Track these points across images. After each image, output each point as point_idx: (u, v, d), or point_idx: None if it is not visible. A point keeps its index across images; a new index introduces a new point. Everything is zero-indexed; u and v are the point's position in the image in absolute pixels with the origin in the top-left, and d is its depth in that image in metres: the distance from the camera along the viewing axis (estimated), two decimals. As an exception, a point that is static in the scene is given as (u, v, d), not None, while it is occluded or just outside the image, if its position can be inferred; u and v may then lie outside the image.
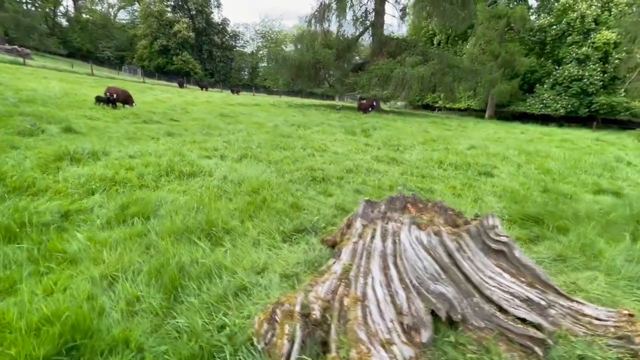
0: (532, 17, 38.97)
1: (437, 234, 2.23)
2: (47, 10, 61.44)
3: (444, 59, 21.96)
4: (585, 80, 31.93)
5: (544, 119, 34.47)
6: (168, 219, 3.03)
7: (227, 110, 15.88)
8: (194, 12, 63.85)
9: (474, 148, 9.50)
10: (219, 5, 69.18)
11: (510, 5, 37.72)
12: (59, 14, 66.07)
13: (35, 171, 4.11)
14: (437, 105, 51.45)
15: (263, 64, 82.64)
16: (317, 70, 24.51)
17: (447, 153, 8.31)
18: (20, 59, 27.71)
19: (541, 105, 34.51)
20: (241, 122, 12.08)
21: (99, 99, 12.57)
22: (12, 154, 4.96)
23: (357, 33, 26.68)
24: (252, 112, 15.94)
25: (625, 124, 34.04)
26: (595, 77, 31.48)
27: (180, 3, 63.30)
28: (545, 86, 34.95)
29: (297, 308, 1.72)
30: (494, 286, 1.96)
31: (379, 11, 24.86)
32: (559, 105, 33.43)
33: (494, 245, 2.23)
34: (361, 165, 6.15)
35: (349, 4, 25.18)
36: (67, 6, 67.88)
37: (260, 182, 4.28)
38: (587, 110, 33.10)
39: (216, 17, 69.85)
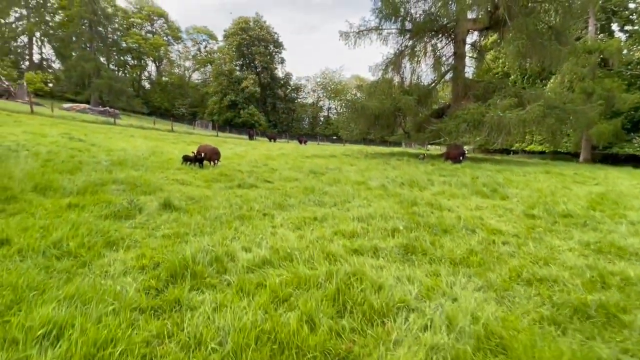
0: (624, 51, 34.89)
1: None
2: (134, 75, 69.61)
3: (545, 100, 19.26)
4: None
5: (661, 163, 29.17)
6: None
7: (310, 164, 14.57)
8: (259, 69, 67.98)
9: (686, 219, 6.72)
10: (282, 62, 73.40)
11: (599, 39, 34.23)
12: (143, 77, 74.49)
13: (146, 316, 2.48)
14: (512, 148, 47.19)
15: (323, 114, 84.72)
16: (395, 117, 22.97)
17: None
18: (112, 119, 29.99)
19: (657, 147, 29.43)
20: (339, 181, 10.40)
21: (186, 159, 11.88)
22: (107, 261, 3.51)
23: (436, 78, 25.06)
24: (340, 167, 14.40)
25: None
26: None
27: (247, 62, 67.99)
28: (657, 124, 30.01)
29: None
30: None
31: (460, 54, 23.18)
32: (680, 146, 28.21)
33: None
34: (591, 266, 3.89)
35: (429, 48, 23.92)
36: (150, 71, 76.50)
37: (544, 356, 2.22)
38: None
39: (280, 72, 73.90)
